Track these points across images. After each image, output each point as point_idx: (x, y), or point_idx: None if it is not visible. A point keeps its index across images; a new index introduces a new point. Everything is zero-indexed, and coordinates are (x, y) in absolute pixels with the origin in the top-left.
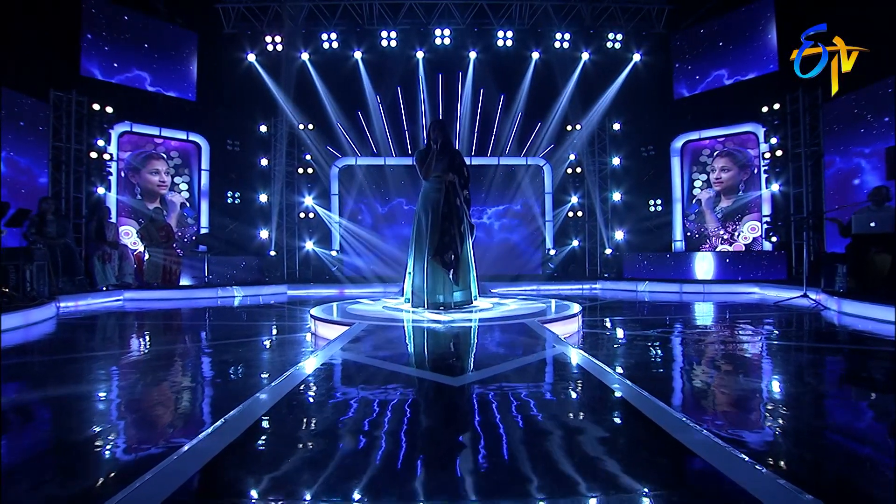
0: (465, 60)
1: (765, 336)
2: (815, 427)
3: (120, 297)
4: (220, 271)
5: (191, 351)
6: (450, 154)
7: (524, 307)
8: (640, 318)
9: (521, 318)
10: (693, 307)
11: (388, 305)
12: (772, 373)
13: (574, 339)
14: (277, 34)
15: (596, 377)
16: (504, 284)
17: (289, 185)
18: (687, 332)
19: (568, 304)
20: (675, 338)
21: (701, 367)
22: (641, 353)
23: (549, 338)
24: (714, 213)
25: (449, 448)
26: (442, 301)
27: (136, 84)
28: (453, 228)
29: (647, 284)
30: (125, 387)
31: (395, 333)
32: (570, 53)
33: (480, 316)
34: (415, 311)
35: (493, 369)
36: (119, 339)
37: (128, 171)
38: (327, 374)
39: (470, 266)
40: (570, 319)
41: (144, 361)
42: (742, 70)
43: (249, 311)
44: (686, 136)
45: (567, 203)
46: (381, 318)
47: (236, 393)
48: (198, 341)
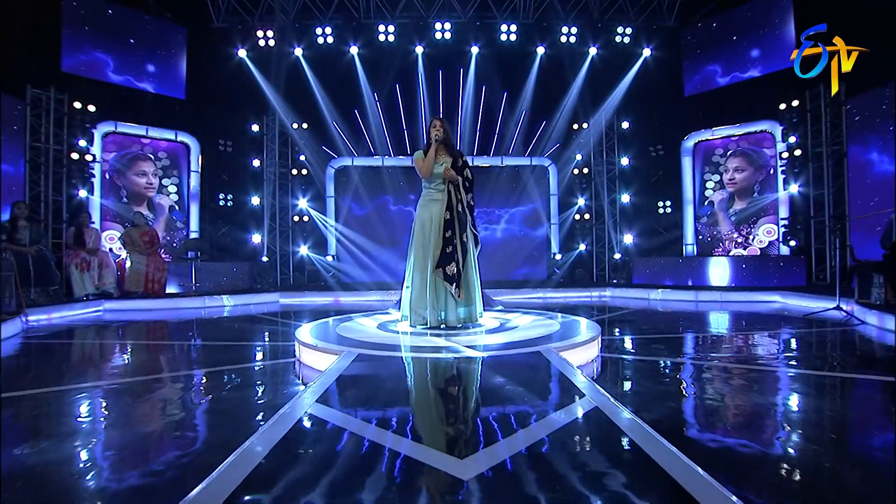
0: (466, 56)
1: (845, 368)
2: None
3: (99, 308)
4: (210, 279)
5: (136, 390)
6: (452, 154)
7: (534, 326)
8: (664, 335)
9: (533, 343)
10: (719, 321)
11: (384, 323)
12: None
13: (593, 368)
14: (269, 28)
15: (649, 455)
16: (508, 291)
17: (282, 187)
18: (729, 360)
19: (582, 321)
20: (719, 372)
21: (795, 433)
22: (689, 398)
23: (571, 376)
24: (727, 216)
25: None
26: (444, 319)
27: (121, 81)
28: (456, 237)
29: (661, 292)
30: None
31: (386, 370)
32: (576, 48)
33: (487, 341)
34: (413, 331)
35: (510, 442)
36: (59, 369)
37: (113, 173)
38: (284, 451)
39: (475, 279)
40: (588, 344)
41: (68, 406)
42: (757, 65)
43: (232, 327)
44: (698, 135)
45: (573, 205)
46: (373, 345)
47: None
48: (152, 371)
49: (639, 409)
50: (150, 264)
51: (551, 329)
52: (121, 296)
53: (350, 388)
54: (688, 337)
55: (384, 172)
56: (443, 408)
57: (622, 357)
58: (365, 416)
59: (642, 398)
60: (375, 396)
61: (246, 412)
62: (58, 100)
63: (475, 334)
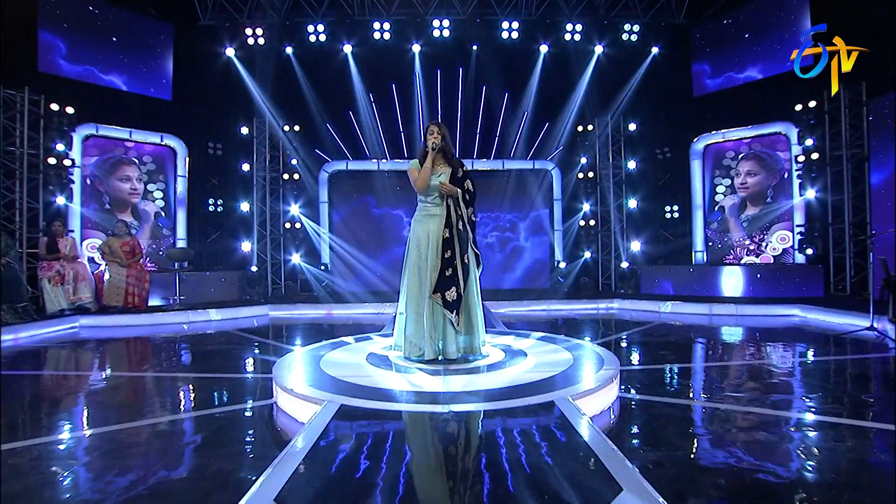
0: (466, 55)
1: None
2: None
3: (75, 324)
4: (196, 290)
5: (69, 447)
6: (451, 163)
7: (542, 358)
8: (688, 365)
9: (544, 387)
10: (744, 343)
11: (376, 355)
12: None
13: (611, 415)
14: (259, 26)
15: None
16: (509, 304)
17: (273, 192)
18: (785, 407)
19: (596, 350)
20: (782, 425)
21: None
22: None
23: (600, 453)
24: (739, 222)
25: None
26: (442, 349)
27: (102, 82)
28: (456, 258)
29: (670, 305)
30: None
31: (369, 437)
32: (581, 47)
33: (490, 383)
34: (407, 365)
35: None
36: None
37: (94, 179)
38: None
39: (477, 305)
40: (607, 387)
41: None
42: (771, 64)
43: (209, 351)
44: (708, 138)
45: (578, 211)
46: (359, 389)
47: None
48: (99, 420)
49: None
50: (131, 276)
51: (562, 363)
52: (99, 310)
53: (320, 474)
54: (717, 367)
55: (380, 177)
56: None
57: (646, 399)
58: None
59: (688, 471)
60: (347, 484)
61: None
62: (33, 101)
63: (476, 372)
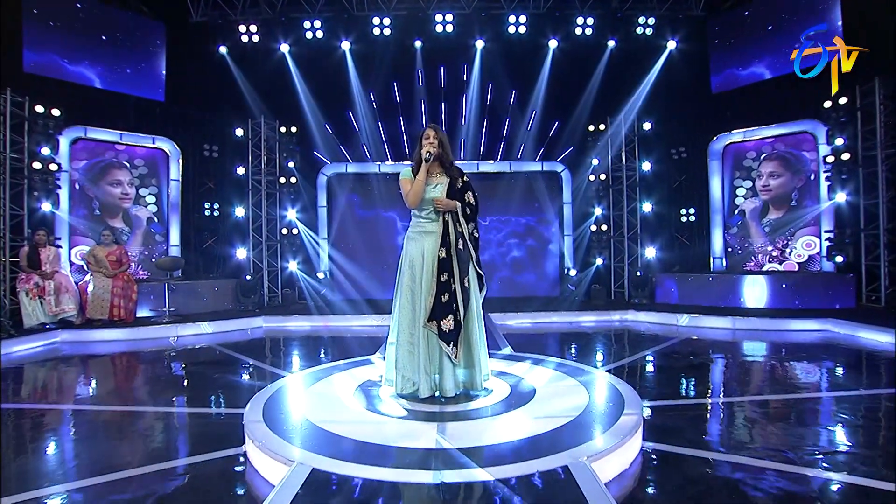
0: (471, 51)
1: None
2: None
3: (56, 339)
4: (188, 300)
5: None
6: (449, 173)
7: (554, 396)
8: (722, 398)
9: (556, 443)
10: (779, 364)
11: (367, 387)
12: None
13: (636, 477)
14: (252, 22)
15: None
16: (516, 315)
17: (269, 196)
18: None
19: (613, 383)
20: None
21: None
22: None
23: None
24: (760, 226)
25: None
26: (438, 384)
27: (91, 82)
28: (454, 282)
29: (687, 318)
30: None
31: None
32: (593, 41)
33: (492, 436)
34: (397, 404)
35: None
36: None
37: (83, 184)
38: None
39: (479, 335)
40: (629, 438)
41: None
42: (796, 58)
43: (191, 373)
44: (728, 137)
45: (590, 215)
46: (336, 441)
47: None
48: (23, 480)
49: None
50: (117, 287)
51: (576, 405)
52: (83, 324)
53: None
54: (755, 403)
55: (381, 180)
56: None
57: (675, 453)
58: None
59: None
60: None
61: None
62: (16, 102)
63: (478, 416)
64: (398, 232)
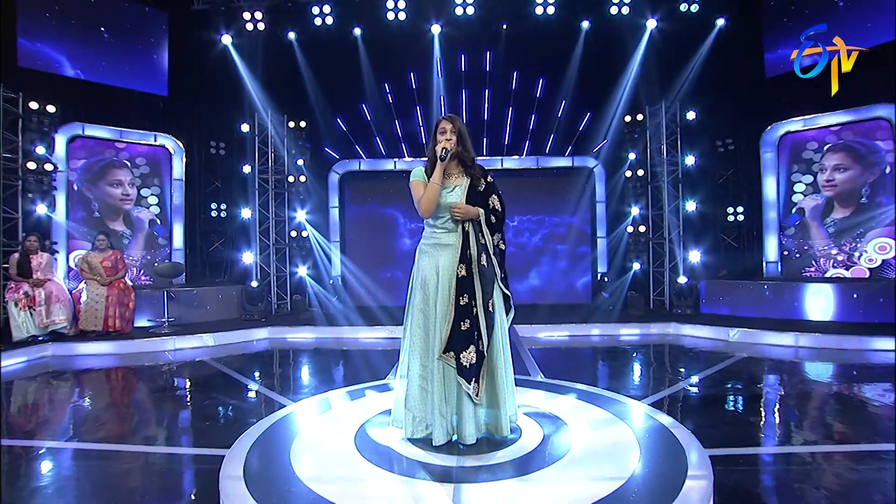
0: (494, 35)
1: None
2: None
3: (45, 353)
4: (190, 309)
5: None
6: (470, 172)
7: (597, 450)
8: (813, 446)
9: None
10: (874, 397)
11: (372, 430)
12: None
13: None
14: (257, 9)
15: None
16: (544, 327)
17: (277, 196)
18: None
19: (669, 426)
20: None
21: None
22: None
23: None
24: (823, 227)
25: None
26: (456, 427)
27: (89, 76)
28: (476, 305)
29: (742, 332)
30: None
31: None
32: (631, 21)
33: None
34: (406, 461)
35: None
36: None
37: (81, 184)
38: None
39: (505, 368)
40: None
41: None
42: (867, 33)
43: (178, 397)
44: (784, 126)
45: (626, 215)
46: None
47: None
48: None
49: None
50: (112, 296)
51: (624, 458)
52: (75, 336)
53: None
54: (853, 455)
55: (397, 177)
56: None
57: None
58: None
59: None
60: None
61: None
62: (9, 98)
63: (503, 475)
64: (418, 235)
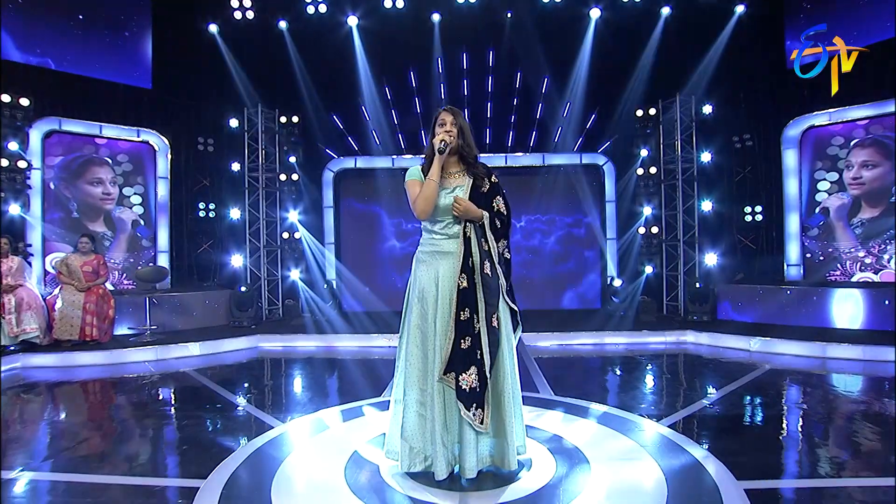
0: (497, 24)
1: None
2: None
3: (15, 364)
4: (175, 316)
5: None
6: (472, 171)
7: (617, 486)
8: (870, 481)
9: None
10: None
11: (363, 462)
12: None
13: None
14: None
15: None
16: (550, 335)
17: (268, 196)
18: None
19: (700, 466)
20: None
21: None
22: None
23: None
24: (849, 228)
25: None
26: (458, 457)
27: (66, 68)
28: (479, 320)
29: (763, 341)
30: None
31: None
32: (643, 9)
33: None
34: (404, 492)
35: None
36: None
37: (59, 183)
38: None
39: (512, 392)
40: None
41: None
42: None
43: (154, 414)
44: (807, 120)
45: (637, 216)
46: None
47: None
48: None
49: None
50: (90, 303)
51: (648, 492)
52: (49, 346)
53: None
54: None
55: (396, 176)
56: None
57: None
58: None
59: None
60: None
61: None
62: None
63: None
64: (418, 236)
